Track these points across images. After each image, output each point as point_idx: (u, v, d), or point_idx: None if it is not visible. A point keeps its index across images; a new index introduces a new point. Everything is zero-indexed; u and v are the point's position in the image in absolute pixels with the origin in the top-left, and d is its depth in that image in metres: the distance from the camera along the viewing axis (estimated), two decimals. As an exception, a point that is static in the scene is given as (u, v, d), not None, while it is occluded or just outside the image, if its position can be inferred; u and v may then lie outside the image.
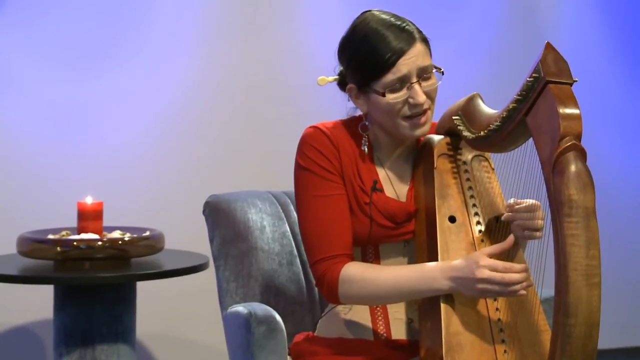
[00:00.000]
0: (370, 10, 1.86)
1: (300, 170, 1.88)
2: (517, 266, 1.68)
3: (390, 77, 1.78)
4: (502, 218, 1.78)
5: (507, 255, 1.76)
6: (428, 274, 1.74)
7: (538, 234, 1.76)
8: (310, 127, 1.90)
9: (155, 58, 3.52)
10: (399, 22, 1.81)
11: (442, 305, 1.74)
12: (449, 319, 1.73)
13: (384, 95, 1.79)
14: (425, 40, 1.82)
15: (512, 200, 1.78)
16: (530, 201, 1.75)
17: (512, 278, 1.66)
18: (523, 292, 1.69)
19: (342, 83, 1.92)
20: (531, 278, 1.73)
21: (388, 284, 1.77)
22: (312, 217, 1.85)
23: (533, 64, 1.57)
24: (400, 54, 1.77)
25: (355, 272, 1.80)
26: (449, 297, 1.75)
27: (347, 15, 1.90)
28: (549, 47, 1.56)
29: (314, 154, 1.86)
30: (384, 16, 1.83)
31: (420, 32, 1.82)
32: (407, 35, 1.79)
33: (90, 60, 3.44)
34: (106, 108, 3.46)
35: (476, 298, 1.76)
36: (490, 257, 1.69)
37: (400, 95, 1.79)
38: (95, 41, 3.44)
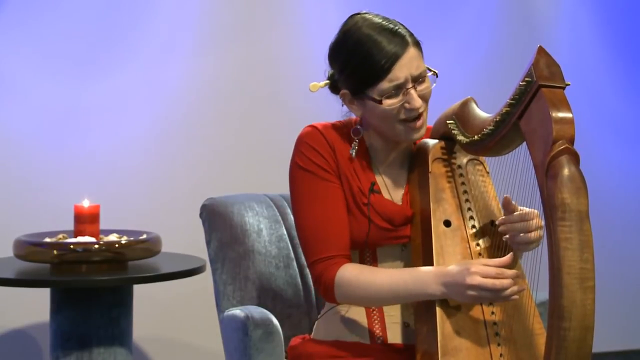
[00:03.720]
0: (359, 13, 1.85)
1: (298, 169, 1.87)
2: (508, 272, 1.67)
3: (385, 84, 1.78)
4: (499, 230, 1.77)
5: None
6: (421, 278, 1.74)
7: (531, 246, 1.75)
8: (308, 126, 1.90)
9: (152, 61, 3.52)
10: (391, 26, 1.80)
11: (438, 309, 1.74)
12: (445, 322, 1.73)
13: (380, 102, 1.79)
14: (417, 44, 1.81)
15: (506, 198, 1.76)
16: (525, 210, 1.74)
17: (503, 284, 1.66)
18: (515, 297, 1.68)
19: (333, 87, 1.92)
20: (526, 281, 1.73)
21: (382, 287, 1.78)
22: (309, 217, 1.84)
23: (525, 68, 1.57)
24: (395, 60, 1.76)
25: (351, 273, 1.80)
26: (444, 301, 1.75)
27: (343, 20, 1.90)
28: (541, 51, 1.56)
29: (312, 154, 1.86)
30: (375, 20, 1.81)
31: (412, 35, 1.81)
32: (400, 39, 1.78)
33: (88, 63, 3.44)
34: (103, 111, 3.46)
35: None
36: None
37: (397, 101, 1.79)
38: (92, 44, 3.44)
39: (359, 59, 1.79)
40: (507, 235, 1.74)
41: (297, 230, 1.89)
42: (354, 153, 1.88)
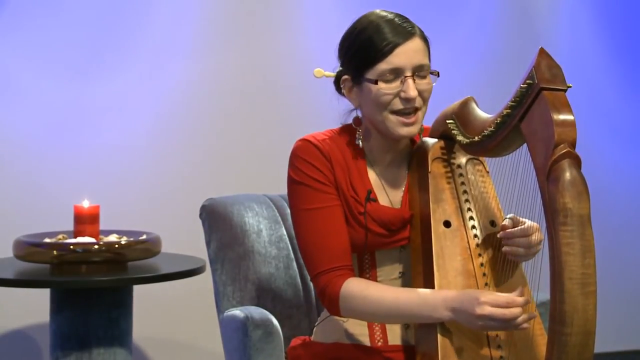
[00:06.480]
0: (373, 10, 1.87)
1: (294, 184, 1.86)
2: (518, 299, 1.64)
3: (384, 66, 1.77)
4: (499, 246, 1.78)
5: (506, 273, 1.77)
6: (429, 301, 1.72)
7: (530, 258, 1.75)
8: (299, 140, 1.89)
9: (152, 61, 3.52)
10: (399, 19, 1.82)
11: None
12: (445, 324, 1.72)
13: (376, 82, 1.78)
14: (425, 39, 1.82)
15: (507, 219, 1.76)
16: (528, 223, 1.74)
17: (513, 313, 1.63)
18: (525, 325, 1.66)
19: (338, 82, 1.91)
20: (532, 298, 1.72)
21: (388, 306, 1.76)
22: (309, 230, 1.83)
23: (527, 70, 1.57)
24: (397, 44, 1.77)
25: (357, 289, 1.79)
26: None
27: (343, 20, 1.90)
28: (542, 53, 1.55)
29: (306, 167, 1.85)
30: (385, 13, 1.84)
31: (421, 31, 1.82)
32: (407, 28, 1.79)
33: (88, 64, 3.43)
34: (103, 111, 3.46)
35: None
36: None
37: (393, 87, 1.79)
38: (92, 44, 3.44)
39: (362, 41, 1.80)
40: (507, 248, 1.75)
41: (299, 244, 1.87)
42: (360, 143, 1.88)
